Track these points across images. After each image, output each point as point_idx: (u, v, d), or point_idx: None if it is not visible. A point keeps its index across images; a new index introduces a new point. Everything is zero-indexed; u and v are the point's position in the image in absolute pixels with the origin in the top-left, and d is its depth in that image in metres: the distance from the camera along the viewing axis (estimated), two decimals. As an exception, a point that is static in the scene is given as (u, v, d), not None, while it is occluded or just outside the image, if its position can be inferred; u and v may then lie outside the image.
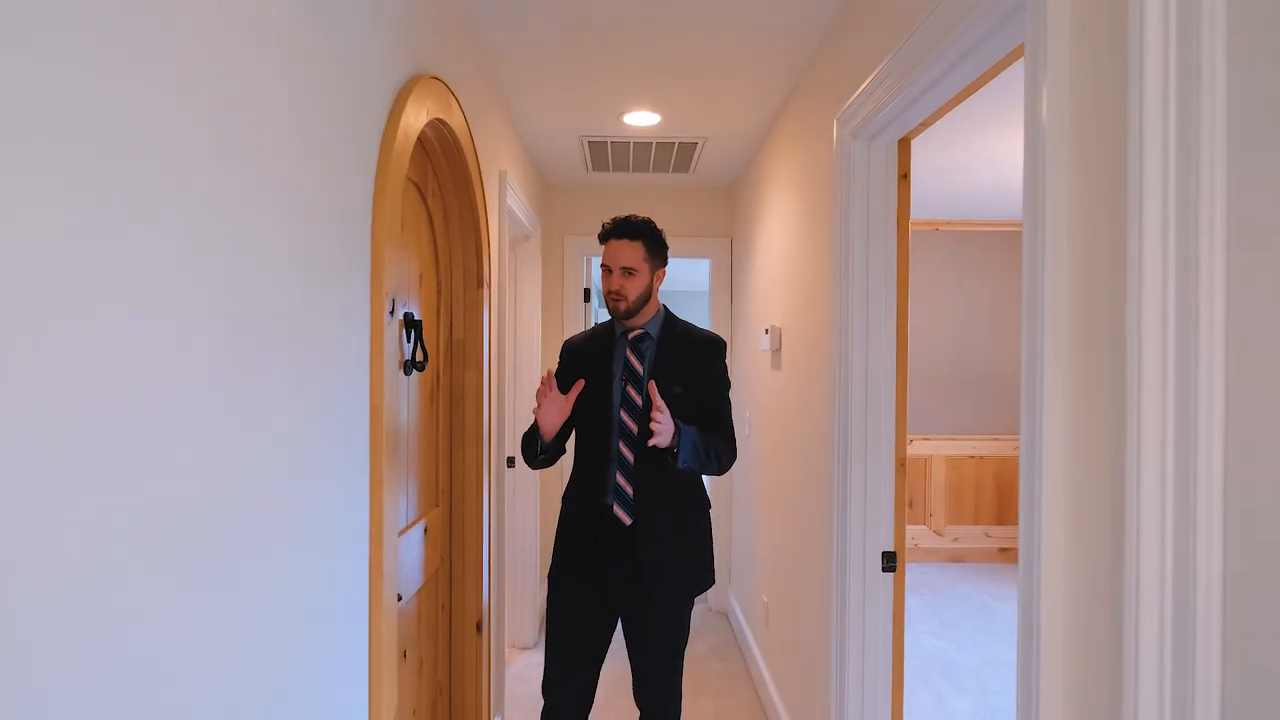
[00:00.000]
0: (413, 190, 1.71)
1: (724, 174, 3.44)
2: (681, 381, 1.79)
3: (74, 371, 0.58)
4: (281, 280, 0.92)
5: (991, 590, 4.09)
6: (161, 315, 0.69)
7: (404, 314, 1.66)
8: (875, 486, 1.74)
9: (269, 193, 0.89)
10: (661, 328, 1.88)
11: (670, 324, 1.90)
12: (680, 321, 1.93)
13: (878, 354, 1.75)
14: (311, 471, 1.02)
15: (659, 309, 1.91)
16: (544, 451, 1.84)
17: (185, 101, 0.73)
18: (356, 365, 1.18)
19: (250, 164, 0.84)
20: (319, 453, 1.04)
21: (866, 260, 1.74)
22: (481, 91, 2.16)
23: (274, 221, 0.90)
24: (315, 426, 1.03)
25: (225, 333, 0.80)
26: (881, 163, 1.74)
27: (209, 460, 0.77)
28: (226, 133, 0.80)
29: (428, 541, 1.84)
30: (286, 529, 0.95)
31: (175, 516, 0.71)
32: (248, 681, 0.85)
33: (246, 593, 0.84)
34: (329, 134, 1.07)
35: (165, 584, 0.70)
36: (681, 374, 1.80)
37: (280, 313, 0.92)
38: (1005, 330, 4.58)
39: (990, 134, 2.92)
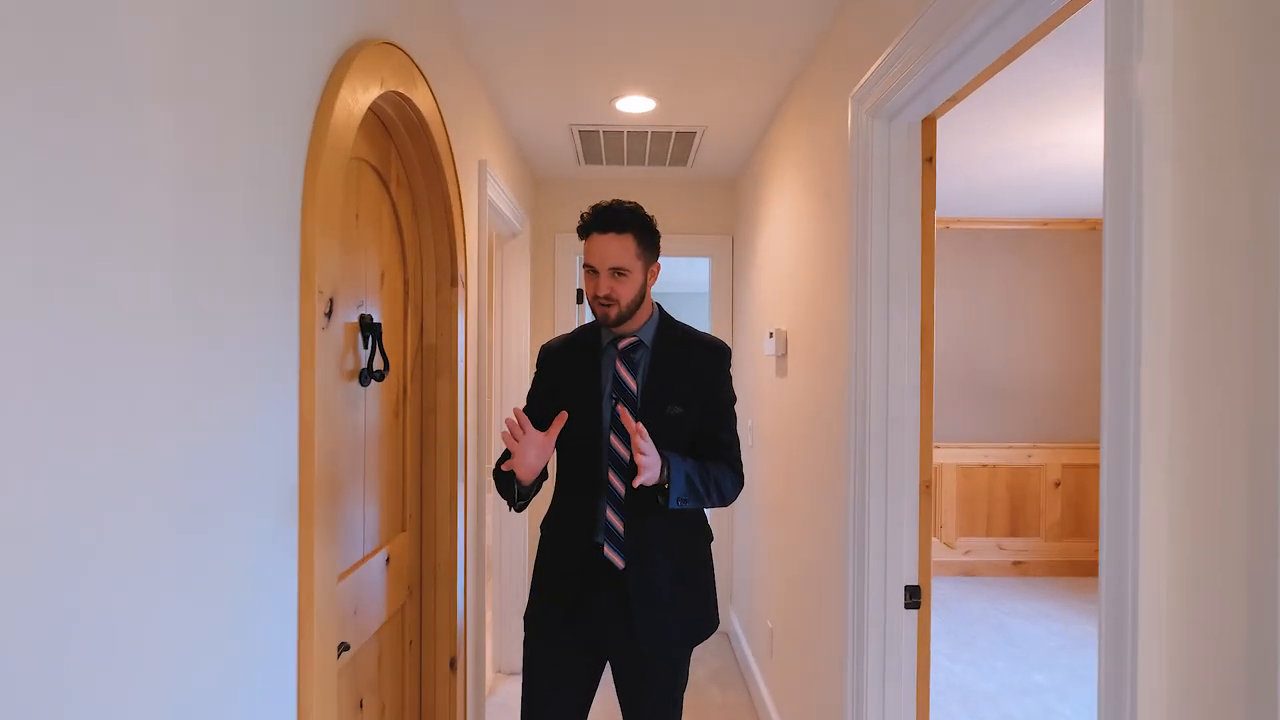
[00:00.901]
0: (370, 176, 1.50)
1: (725, 167, 3.24)
2: (681, 399, 1.53)
3: None
4: (146, 281, 0.71)
5: (1006, 606, 3.88)
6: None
7: (359, 317, 1.45)
8: (897, 510, 1.53)
9: (133, 158, 0.68)
10: (656, 334, 1.59)
11: (666, 329, 1.61)
12: (678, 325, 1.65)
13: (899, 360, 1.54)
14: (203, 528, 0.81)
15: (653, 311, 1.62)
16: (522, 497, 1.55)
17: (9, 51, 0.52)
18: (277, 380, 0.97)
19: (95, 128, 0.64)
20: (214, 501, 0.83)
21: (887, 255, 1.53)
22: (456, 69, 1.96)
23: (133, 207, 0.69)
24: (205, 468, 0.82)
25: (48, 355, 0.59)
26: (903, 145, 1.53)
27: (19, 541, 0.56)
28: (56, 90, 0.59)
29: (391, 573, 1.63)
30: (166, 619, 0.74)
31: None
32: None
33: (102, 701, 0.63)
34: (233, 97, 0.86)
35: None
36: (680, 390, 1.54)
37: (143, 325, 0.71)
38: (1018, 333, 4.38)
39: (1006, 125, 2.71)
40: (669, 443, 1.50)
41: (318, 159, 1.05)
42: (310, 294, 1.04)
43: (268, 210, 0.95)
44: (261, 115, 0.93)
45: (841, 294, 1.76)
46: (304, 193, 1.04)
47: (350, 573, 1.40)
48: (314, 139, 1.06)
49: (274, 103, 0.96)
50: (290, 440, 1.01)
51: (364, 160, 1.46)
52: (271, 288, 0.96)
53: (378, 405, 1.57)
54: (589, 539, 1.55)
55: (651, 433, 1.48)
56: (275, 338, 0.97)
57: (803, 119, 2.18)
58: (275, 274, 0.97)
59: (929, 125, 1.53)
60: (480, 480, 2.21)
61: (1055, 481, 4.34)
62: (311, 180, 1.05)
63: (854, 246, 1.61)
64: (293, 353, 1.02)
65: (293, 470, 1.02)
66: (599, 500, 1.55)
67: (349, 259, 1.38)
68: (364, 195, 1.47)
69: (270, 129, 0.95)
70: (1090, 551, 4.33)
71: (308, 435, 1.04)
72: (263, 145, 0.93)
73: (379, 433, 1.58)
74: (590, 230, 1.53)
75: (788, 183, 2.39)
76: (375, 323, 1.49)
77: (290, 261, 1.01)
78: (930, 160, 1.54)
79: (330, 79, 1.12)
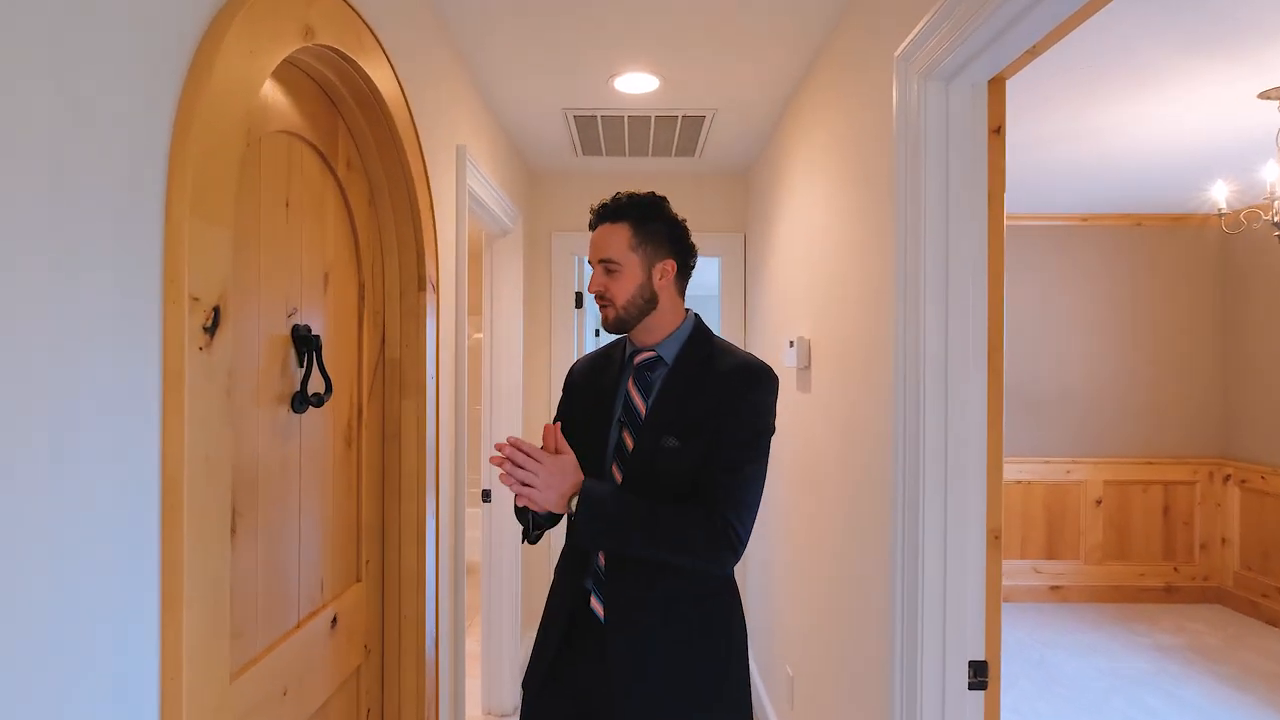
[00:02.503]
0: (309, 156, 1.22)
1: (737, 156, 2.95)
2: (682, 430, 1.21)
3: None
4: None
5: (1046, 637, 3.55)
6: None
7: (292, 329, 1.17)
8: (959, 567, 1.23)
9: None
10: (681, 350, 1.29)
11: (696, 345, 1.30)
12: (712, 341, 1.32)
13: (961, 378, 1.24)
14: None
15: (684, 320, 1.32)
16: (538, 526, 1.29)
17: None
18: (125, 414, 0.69)
19: None
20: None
21: (945, 248, 1.24)
22: (424, 37, 1.68)
23: None
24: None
25: None
26: (965, 112, 1.23)
27: None
28: None
29: (340, 634, 1.35)
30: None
31: None
32: None
33: None
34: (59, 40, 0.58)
35: None
36: (686, 419, 1.22)
37: None
38: (1055, 338, 4.05)
39: (1041, 109, 2.40)
40: (660, 486, 1.21)
41: (189, 125, 0.77)
42: (177, 301, 0.75)
43: (106, 189, 0.67)
44: (90, 66, 0.64)
45: (883, 296, 1.46)
46: (171, 164, 0.76)
47: (276, 646, 1.12)
48: (185, 98, 0.78)
49: (116, 38, 0.68)
50: (147, 493, 0.73)
51: (297, 136, 1.18)
52: (112, 292, 0.68)
53: (321, 433, 1.28)
54: (579, 581, 1.29)
55: (641, 467, 1.22)
56: (122, 358, 0.69)
57: (831, 92, 1.88)
58: (124, 273, 0.69)
59: (997, 88, 1.24)
60: (457, 515, 1.92)
61: (1096, 499, 4.01)
62: (180, 152, 0.76)
63: (901, 240, 1.31)
64: (152, 375, 0.74)
65: (151, 532, 0.74)
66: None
67: (271, 256, 1.10)
68: (298, 179, 1.19)
69: (107, 81, 0.67)
70: (1136, 575, 3.99)
71: (174, 491, 0.75)
72: (102, 99, 0.65)
73: (323, 467, 1.30)
74: (593, 225, 1.32)
75: (812, 169, 2.09)
76: (313, 335, 1.21)
77: (148, 256, 0.73)
78: (998, 131, 1.24)
79: (217, 18, 0.84)
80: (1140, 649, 3.41)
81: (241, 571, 1.03)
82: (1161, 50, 1.99)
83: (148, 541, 0.73)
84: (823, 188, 1.97)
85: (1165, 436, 4.00)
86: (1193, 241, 4.03)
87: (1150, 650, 3.38)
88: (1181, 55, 2.02)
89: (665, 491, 1.21)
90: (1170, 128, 2.59)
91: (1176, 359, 4.02)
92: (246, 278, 1.03)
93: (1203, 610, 3.89)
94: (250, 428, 1.05)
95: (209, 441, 0.80)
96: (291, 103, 1.15)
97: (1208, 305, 4.03)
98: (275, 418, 1.12)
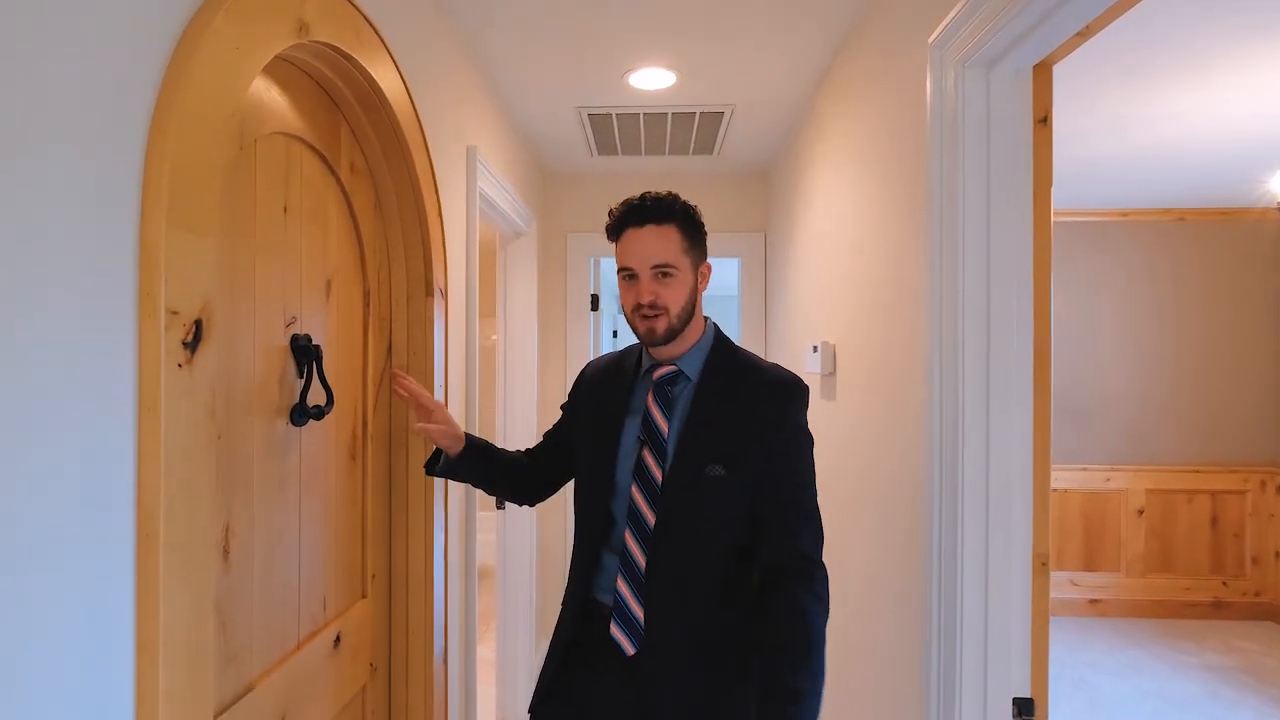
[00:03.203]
0: (309, 159, 1.17)
1: (757, 153, 2.86)
2: (726, 456, 1.13)
3: None
4: None
5: (1086, 656, 3.40)
6: None
7: (290, 339, 1.12)
8: (1001, 596, 1.14)
9: None
10: (705, 363, 1.21)
11: (720, 357, 1.22)
12: (736, 352, 1.25)
13: (1003, 390, 1.15)
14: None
15: (704, 330, 1.24)
16: (445, 469, 1.32)
17: None
18: (96, 438, 0.63)
19: None
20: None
21: (986, 249, 1.14)
22: (431, 33, 1.62)
23: None
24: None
25: None
26: (1008, 101, 1.14)
27: None
28: None
29: (344, 653, 1.30)
30: None
31: None
32: None
33: None
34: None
35: None
36: (728, 443, 1.14)
37: None
38: (1094, 339, 3.89)
39: (1080, 98, 2.28)
40: (705, 519, 1.15)
41: (165, 127, 0.71)
42: (153, 316, 0.70)
43: (77, 200, 0.62)
44: (66, 62, 0.59)
45: (915, 300, 1.37)
46: (145, 175, 0.70)
47: (274, 670, 1.07)
48: (162, 99, 0.72)
49: (89, 41, 0.62)
50: (119, 530, 0.67)
51: (296, 138, 1.13)
52: (79, 311, 0.63)
53: (322, 446, 1.23)
54: (588, 594, 1.23)
55: (680, 498, 1.14)
56: (85, 384, 0.63)
57: (858, 84, 1.79)
58: (91, 291, 0.64)
59: (1043, 74, 1.14)
60: (468, 526, 1.87)
61: (1138, 509, 3.83)
62: (157, 156, 0.71)
63: (936, 240, 1.22)
64: (125, 402, 0.68)
65: (125, 574, 0.68)
66: (606, 553, 1.22)
67: (268, 264, 1.05)
68: (297, 183, 1.13)
69: (83, 81, 0.61)
70: (1181, 590, 3.81)
71: (149, 519, 0.70)
72: (66, 106, 0.59)
73: (326, 481, 1.25)
74: (624, 227, 1.18)
75: (837, 166, 2.00)
76: (313, 345, 1.15)
77: (118, 273, 0.68)
78: (1045, 121, 1.15)
79: (198, 13, 0.79)
80: (1187, 669, 3.24)
81: (236, 594, 0.98)
82: (1215, 34, 1.87)
83: (121, 574, 0.68)
84: (849, 185, 1.87)
85: (1213, 444, 3.81)
86: (1246, 236, 3.83)
87: (1198, 671, 3.21)
88: (1236, 39, 1.89)
89: (708, 520, 1.15)
90: (1221, 116, 2.44)
91: (1225, 361, 3.83)
92: (240, 287, 0.98)
93: (1254, 628, 3.69)
94: (244, 444, 0.99)
95: (190, 464, 0.74)
96: (289, 103, 1.10)
97: (1261, 303, 3.82)
98: (272, 432, 1.07)
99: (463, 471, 1.30)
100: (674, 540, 1.14)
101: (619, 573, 1.18)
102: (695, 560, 1.15)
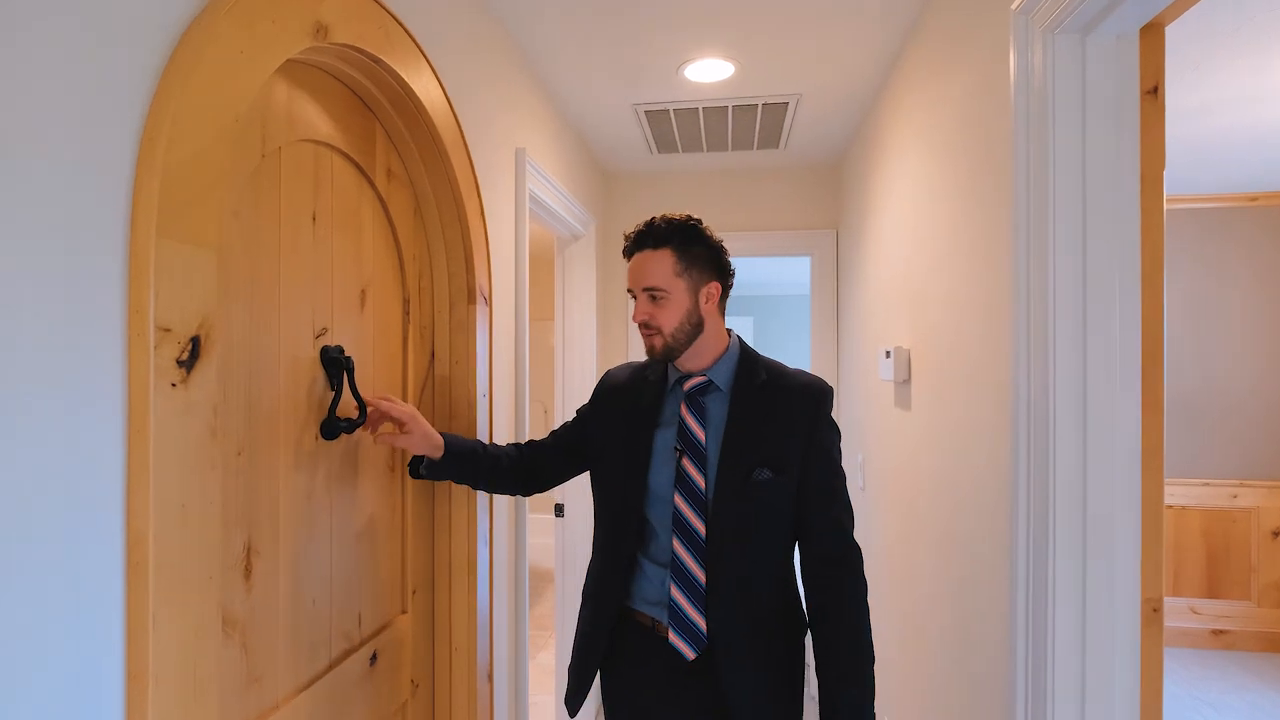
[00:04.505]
0: (341, 166, 1.14)
1: (826, 145, 2.69)
2: (772, 460, 1.20)
3: None
4: None
5: (1209, 694, 3.02)
6: None
7: (320, 350, 1.09)
8: (1104, 648, 0.97)
9: None
10: (734, 375, 1.27)
11: (748, 368, 1.28)
12: (763, 363, 1.30)
13: (1104, 403, 0.98)
14: None
15: (728, 345, 1.31)
16: (428, 470, 1.30)
17: None
18: (85, 463, 0.60)
19: None
20: None
21: (1082, 240, 0.98)
22: (473, 30, 1.58)
23: None
24: None
25: None
26: (1108, 70, 0.97)
27: None
28: None
29: (381, 671, 1.27)
30: None
31: None
32: None
33: None
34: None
35: None
36: (770, 447, 1.21)
37: None
38: (1216, 339, 3.46)
39: (1199, 67, 1.99)
40: (756, 521, 1.21)
41: (158, 133, 0.68)
42: (142, 334, 0.67)
43: (60, 209, 0.59)
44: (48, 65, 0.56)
45: (999, 300, 1.21)
46: (138, 178, 0.68)
47: (302, 691, 1.04)
48: (156, 104, 0.69)
49: (76, 43, 0.59)
50: (109, 559, 0.64)
51: (326, 145, 1.10)
52: (64, 329, 0.60)
53: (356, 459, 1.21)
54: (622, 603, 1.29)
55: (733, 505, 1.20)
56: (69, 408, 0.61)
57: (932, 66, 1.62)
58: (76, 308, 0.61)
59: (1153, 37, 0.97)
60: (517, 537, 1.82)
61: (1273, 530, 3.38)
62: (148, 164, 0.68)
63: (1021, 231, 1.06)
64: (113, 425, 0.65)
65: (115, 607, 0.65)
66: (654, 568, 1.27)
67: (294, 274, 1.02)
68: (328, 191, 1.11)
69: (67, 86, 0.58)
70: (1324, 623, 3.34)
71: (139, 546, 0.66)
72: (50, 113, 0.57)
73: (360, 495, 1.22)
74: (629, 251, 1.29)
75: (910, 156, 1.83)
76: (345, 356, 1.13)
77: (106, 289, 0.65)
78: (1155, 92, 0.97)
79: (200, 15, 0.75)
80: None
81: (260, 614, 0.95)
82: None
83: (110, 603, 0.65)
84: (924, 176, 1.70)
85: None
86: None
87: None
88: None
89: (758, 522, 1.20)
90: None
91: (1379, 364, 3.32)
92: (262, 298, 0.95)
93: None
94: (268, 460, 0.97)
95: (185, 487, 0.71)
96: (318, 109, 1.07)
97: None
98: (299, 446, 1.04)
99: (447, 473, 1.30)
100: (729, 546, 1.19)
101: (672, 583, 1.22)
102: (750, 562, 1.20)
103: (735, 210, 3.00)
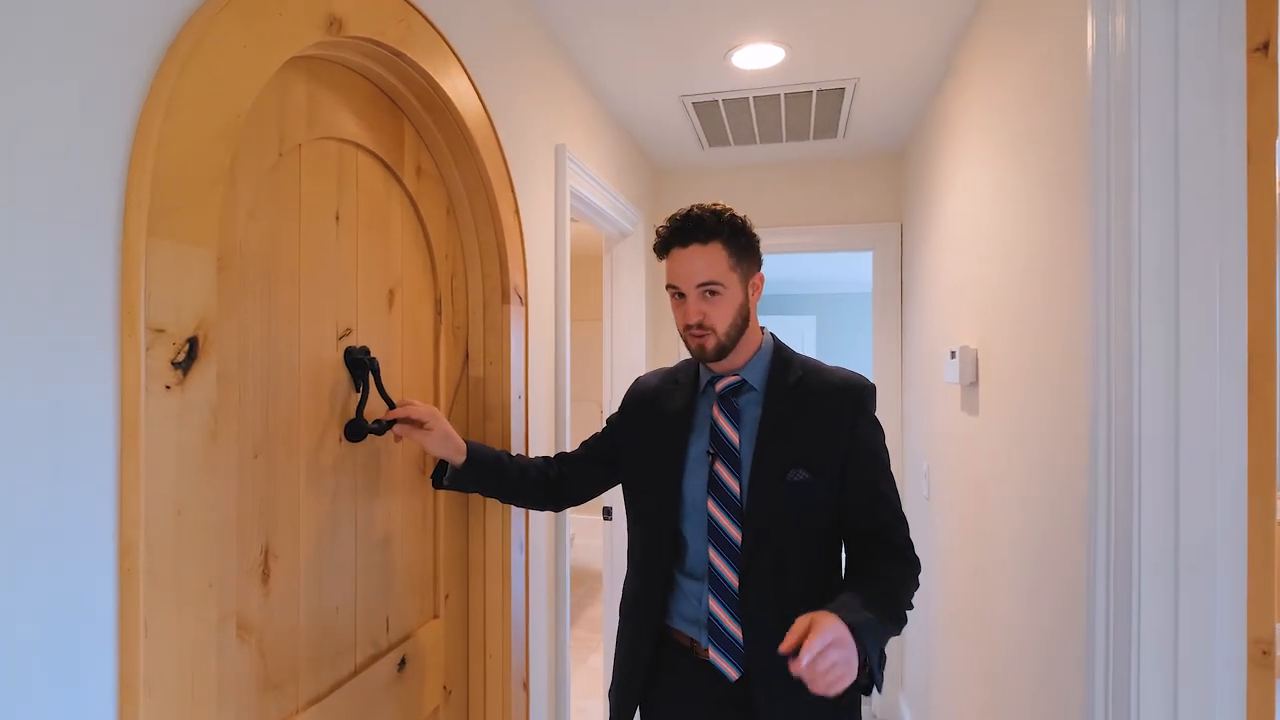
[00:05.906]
0: (365, 163, 1.13)
1: (888, 134, 2.54)
2: (808, 460, 1.12)
3: None
4: None
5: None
6: None
7: (344, 351, 1.08)
8: (1200, 696, 0.84)
9: None
10: (768, 373, 1.20)
11: (782, 366, 1.20)
12: (797, 360, 1.22)
13: (1199, 415, 0.85)
14: None
15: (762, 341, 1.23)
16: (450, 481, 1.23)
17: None
18: (77, 469, 0.59)
19: None
20: None
21: (1175, 218, 0.85)
22: (502, 19, 1.55)
23: None
24: None
25: None
26: (1205, 26, 0.84)
27: None
28: None
29: (409, 677, 1.25)
30: None
31: None
32: None
33: None
34: None
35: None
36: (806, 447, 1.13)
37: None
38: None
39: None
40: (791, 524, 1.13)
41: (151, 129, 0.66)
42: (133, 335, 0.65)
43: (46, 206, 0.58)
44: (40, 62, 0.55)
45: (1076, 297, 1.08)
46: (130, 176, 0.66)
47: (324, 698, 1.03)
48: (150, 101, 0.68)
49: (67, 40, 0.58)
50: (100, 562, 0.63)
51: (350, 143, 1.09)
52: (52, 329, 0.59)
53: (387, 461, 1.19)
54: (661, 622, 1.22)
55: (770, 509, 1.13)
56: (58, 413, 0.59)
57: (1001, 42, 1.48)
58: (65, 309, 0.60)
59: (1263, -18, 0.82)
60: (558, 541, 1.79)
61: None
62: (141, 161, 0.66)
63: (1101, 215, 0.93)
64: (106, 429, 0.64)
65: (107, 618, 0.64)
66: (690, 583, 1.20)
67: (315, 274, 1.01)
68: (352, 189, 1.09)
69: (56, 85, 0.57)
70: None
71: (130, 554, 0.65)
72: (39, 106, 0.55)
73: (390, 498, 1.20)
74: (669, 246, 1.17)
75: (977, 142, 1.68)
76: (370, 358, 1.11)
77: (97, 289, 0.63)
78: (1264, 49, 0.83)
79: (201, 8, 0.74)
80: None
81: (278, 620, 0.94)
82: None
83: (102, 613, 0.64)
84: (993, 163, 1.56)
85: None
86: None
87: None
88: None
89: (796, 525, 1.13)
90: None
91: None
92: (279, 299, 0.94)
93: None
94: (287, 462, 0.96)
95: (181, 492, 0.69)
96: (341, 106, 1.06)
97: None
98: (322, 448, 1.03)
99: (470, 483, 1.24)
100: (764, 550, 1.13)
101: (710, 595, 1.16)
102: (786, 568, 1.13)
103: (793, 204, 2.87)
